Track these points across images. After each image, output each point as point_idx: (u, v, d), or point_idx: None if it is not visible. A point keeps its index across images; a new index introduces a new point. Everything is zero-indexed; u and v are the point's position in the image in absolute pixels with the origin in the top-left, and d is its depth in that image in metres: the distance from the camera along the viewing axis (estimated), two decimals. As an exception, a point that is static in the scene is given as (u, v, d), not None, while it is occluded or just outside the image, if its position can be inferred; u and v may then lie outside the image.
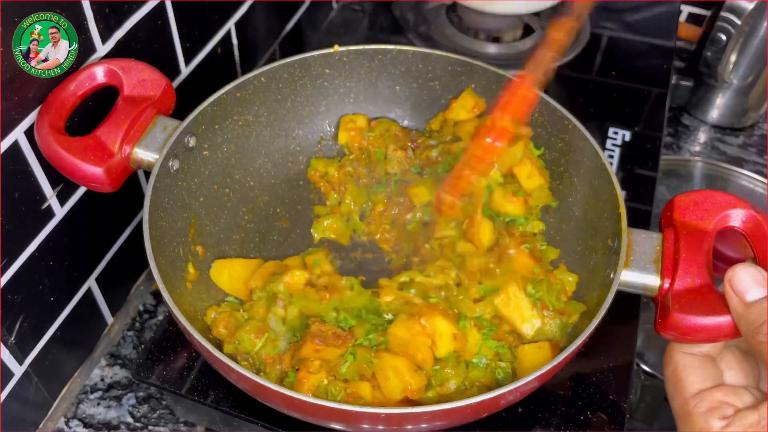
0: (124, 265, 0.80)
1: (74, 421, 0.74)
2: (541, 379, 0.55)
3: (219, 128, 0.73)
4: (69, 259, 0.70)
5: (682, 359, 0.55)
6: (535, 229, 0.75)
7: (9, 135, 0.58)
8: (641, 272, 0.58)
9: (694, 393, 0.53)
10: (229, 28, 0.89)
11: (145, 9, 0.71)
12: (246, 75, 0.74)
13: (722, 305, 0.53)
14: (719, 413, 0.51)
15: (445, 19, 1.11)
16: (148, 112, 0.66)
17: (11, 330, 0.64)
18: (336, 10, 1.17)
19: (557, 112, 0.73)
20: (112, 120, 0.64)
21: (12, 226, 0.61)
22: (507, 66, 1.01)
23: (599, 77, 1.03)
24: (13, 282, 0.63)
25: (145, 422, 0.73)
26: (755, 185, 1.02)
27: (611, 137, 0.93)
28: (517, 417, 0.65)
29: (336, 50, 0.79)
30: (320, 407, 0.52)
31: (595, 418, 0.65)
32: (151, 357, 0.68)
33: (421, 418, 0.53)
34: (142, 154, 0.65)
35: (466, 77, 0.80)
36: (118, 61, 0.66)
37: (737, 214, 0.58)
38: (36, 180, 0.63)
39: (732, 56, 1.05)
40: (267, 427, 0.65)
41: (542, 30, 1.09)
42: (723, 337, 0.53)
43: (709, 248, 0.57)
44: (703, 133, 1.12)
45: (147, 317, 0.83)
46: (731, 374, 0.55)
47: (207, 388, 0.67)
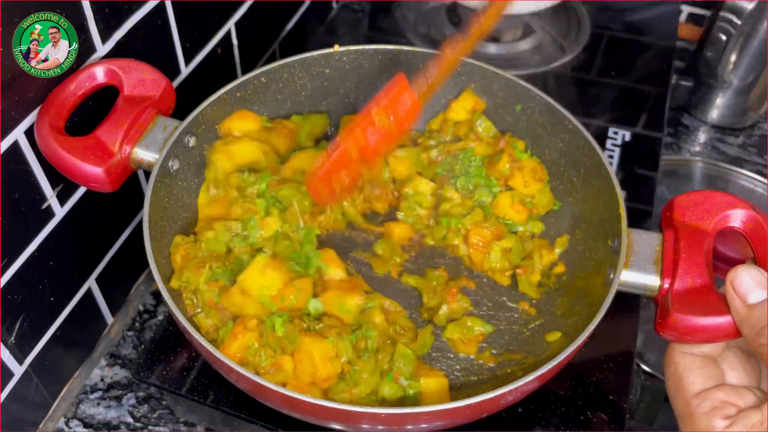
0: (124, 265, 0.80)
1: (74, 421, 0.74)
2: (541, 379, 0.55)
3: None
4: (69, 259, 0.70)
5: (682, 359, 0.55)
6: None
7: (9, 135, 0.58)
8: (641, 272, 0.58)
9: (696, 393, 0.53)
10: (229, 28, 0.89)
11: (145, 9, 0.71)
12: (246, 75, 0.74)
13: (722, 305, 0.53)
14: (722, 413, 0.51)
15: (445, 19, 1.11)
16: (148, 112, 0.66)
17: (11, 330, 0.64)
18: (336, 10, 1.17)
19: (557, 112, 0.73)
20: (112, 120, 0.64)
21: (12, 226, 0.61)
22: (507, 66, 1.02)
23: (599, 77, 1.03)
24: (13, 282, 0.63)
25: (145, 422, 0.73)
26: (755, 185, 1.02)
27: (611, 137, 0.93)
28: (517, 417, 0.65)
29: (336, 50, 0.79)
30: (320, 407, 0.52)
31: (595, 418, 0.65)
32: (151, 357, 0.68)
33: (420, 418, 0.53)
34: (142, 154, 0.65)
35: (467, 77, 0.80)
36: (118, 61, 0.66)
37: (737, 215, 0.58)
38: (36, 180, 0.63)
39: (732, 56, 1.05)
40: (267, 427, 0.65)
41: (542, 30, 1.09)
42: (723, 338, 0.53)
43: (709, 248, 0.57)
44: (703, 133, 1.12)
45: (147, 317, 0.83)
46: (733, 374, 0.55)
47: (207, 388, 0.66)
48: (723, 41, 1.04)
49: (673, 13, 1.16)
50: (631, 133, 0.94)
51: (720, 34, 1.05)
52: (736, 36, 1.03)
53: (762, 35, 1.00)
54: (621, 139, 0.93)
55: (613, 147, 0.92)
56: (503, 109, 0.80)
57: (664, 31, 1.11)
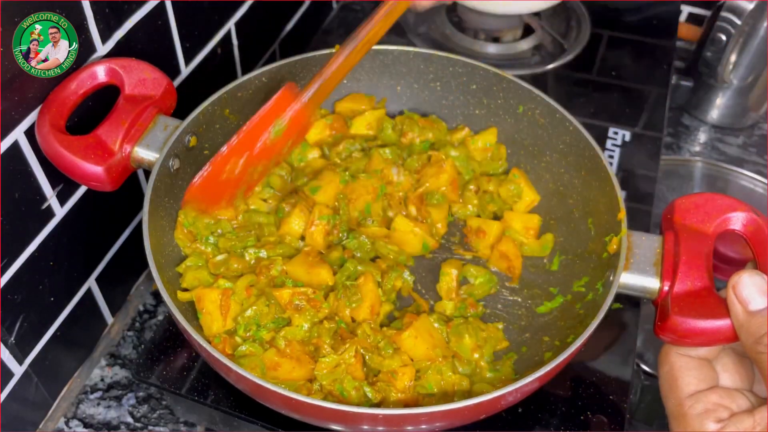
0: (124, 265, 0.80)
1: (74, 421, 0.74)
2: (541, 380, 0.55)
3: (219, 128, 0.73)
4: (69, 259, 0.70)
5: (678, 360, 0.55)
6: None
7: (9, 135, 0.58)
8: (641, 275, 0.58)
9: (690, 394, 0.53)
10: (229, 28, 0.89)
11: (145, 9, 0.71)
12: (246, 75, 0.74)
13: (722, 309, 0.53)
14: (714, 416, 0.51)
15: (445, 19, 1.11)
16: (149, 111, 0.66)
17: (11, 330, 0.64)
18: (336, 10, 1.17)
19: (557, 113, 0.73)
20: (113, 119, 0.64)
21: (12, 226, 0.61)
22: (507, 66, 1.02)
23: (599, 77, 1.03)
24: (13, 282, 0.63)
25: (145, 422, 0.73)
26: (755, 185, 1.02)
27: (611, 137, 0.93)
28: (517, 417, 0.65)
29: (337, 50, 0.79)
30: (319, 408, 0.52)
31: (595, 419, 0.65)
32: (151, 357, 0.69)
33: (420, 419, 0.53)
34: (142, 153, 0.65)
35: (467, 78, 0.80)
36: (119, 60, 0.66)
37: (738, 217, 0.58)
38: (36, 180, 0.63)
39: (732, 56, 1.05)
40: (267, 427, 0.65)
41: (542, 30, 1.09)
42: (722, 341, 0.53)
43: (709, 251, 0.57)
44: (703, 133, 1.12)
45: (147, 317, 0.83)
46: (727, 377, 0.55)
47: (207, 388, 0.67)
48: (723, 41, 1.04)
49: (673, 13, 1.16)
50: (631, 133, 0.94)
51: (720, 34, 1.05)
52: (736, 36, 1.02)
53: (762, 35, 1.00)
54: (621, 139, 0.93)
55: (613, 147, 0.92)
56: (504, 111, 0.80)
57: (664, 31, 1.11)
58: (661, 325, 0.55)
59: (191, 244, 0.69)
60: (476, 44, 1.07)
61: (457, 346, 0.65)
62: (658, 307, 0.57)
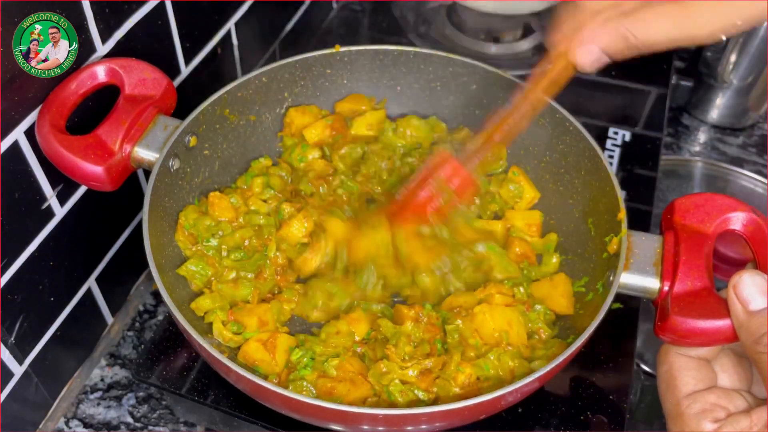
0: (124, 265, 0.80)
1: (74, 421, 0.74)
2: (541, 380, 0.55)
3: (220, 128, 0.73)
4: (69, 259, 0.70)
5: (677, 360, 0.55)
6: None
7: (9, 135, 0.58)
8: (641, 275, 0.58)
9: (687, 393, 0.53)
10: (229, 28, 0.89)
11: (145, 9, 0.71)
12: (246, 75, 0.74)
13: (722, 309, 0.53)
14: (711, 416, 0.51)
15: (445, 19, 1.11)
16: (149, 111, 0.66)
17: (11, 330, 0.64)
18: (336, 10, 1.17)
19: (557, 114, 0.73)
20: (113, 119, 0.64)
21: (12, 226, 0.61)
22: (507, 66, 1.02)
23: (599, 77, 1.03)
24: (13, 282, 0.63)
25: (145, 422, 0.73)
26: (755, 185, 1.02)
27: (611, 137, 0.93)
28: (517, 417, 0.65)
29: (337, 50, 0.79)
30: (319, 408, 0.52)
31: (595, 419, 0.65)
32: (151, 357, 0.69)
33: (419, 419, 0.53)
34: (142, 153, 0.65)
35: (467, 78, 0.80)
36: (119, 60, 0.66)
37: (738, 218, 0.58)
38: (36, 180, 0.63)
39: (732, 56, 1.05)
40: (267, 427, 0.65)
41: (542, 30, 1.09)
42: (721, 341, 0.53)
43: (709, 251, 0.57)
44: (703, 133, 1.12)
45: (147, 317, 0.83)
46: (725, 377, 0.55)
47: (207, 388, 0.67)
48: (723, 41, 1.04)
49: (673, 13, 1.16)
50: (631, 133, 0.94)
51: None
52: (736, 36, 1.02)
53: (762, 35, 1.00)
54: (621, 139, 0.93)
55: (613, 147, 0.92)
56: (504, 110, 0.79)
57: (665, 31, 1.11)
58: (661, 325, 0.55)
59: (193, 247, 0.68)
60: (476, 44, 1.07)
61: None
62: (658, 307, 0.57)
